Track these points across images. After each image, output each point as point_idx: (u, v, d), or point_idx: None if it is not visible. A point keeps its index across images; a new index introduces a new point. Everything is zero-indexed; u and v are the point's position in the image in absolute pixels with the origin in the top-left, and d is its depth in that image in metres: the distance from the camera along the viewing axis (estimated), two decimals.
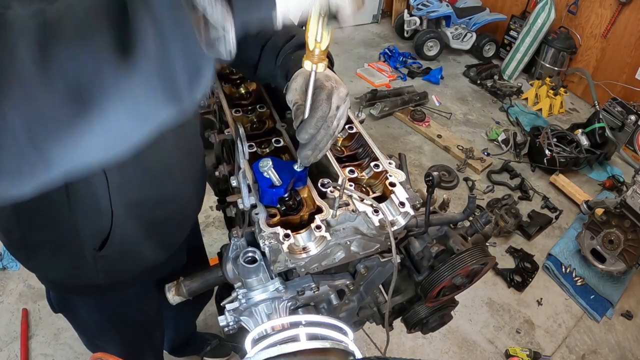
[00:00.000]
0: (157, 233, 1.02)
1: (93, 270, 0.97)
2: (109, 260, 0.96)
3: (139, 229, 0.95)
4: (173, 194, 0.99)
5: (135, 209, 0.91)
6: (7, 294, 2.27)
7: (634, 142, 3.68)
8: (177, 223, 1.10)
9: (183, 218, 1.11)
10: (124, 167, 0.80)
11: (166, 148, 0.90)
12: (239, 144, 0.87)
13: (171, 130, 0.86)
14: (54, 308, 1.17)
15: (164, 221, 1.01)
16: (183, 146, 0.96)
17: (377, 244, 0.88)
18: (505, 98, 4.32)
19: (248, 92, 1.14)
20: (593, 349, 2.48)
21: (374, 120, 3.81)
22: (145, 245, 1.01)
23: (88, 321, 1.20)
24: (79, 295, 1.11)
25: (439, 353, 2.33)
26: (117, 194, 0.85)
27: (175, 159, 0.95)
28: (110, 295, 1.12)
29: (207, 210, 2.77)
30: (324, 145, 0.77)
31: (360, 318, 1.23)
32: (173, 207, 1.01)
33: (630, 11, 3.96)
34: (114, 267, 1.00)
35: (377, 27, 5.35)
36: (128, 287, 1.12)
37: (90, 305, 1.14)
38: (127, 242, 0.95)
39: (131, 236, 0.95)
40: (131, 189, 0.88)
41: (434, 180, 0.98)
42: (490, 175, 3.43)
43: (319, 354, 0.59)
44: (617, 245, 2.63)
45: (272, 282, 0.83)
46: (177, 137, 0.92)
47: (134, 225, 0.93)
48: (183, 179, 1.01)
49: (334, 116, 0.76)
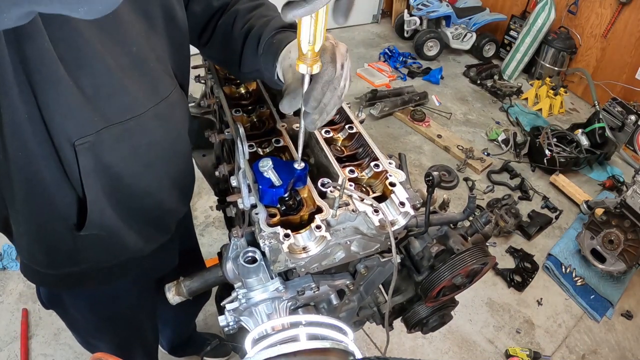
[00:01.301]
0: (136, 222, 1.00)
1: (73, 251, 0.96)
2: (88, 241, 0.94)
3: (116, 215, 0.93)
4: (150, 187, 0.97)
5: (110, 196, 0.89)
6: (7, 294, 2.27)
7: (634, 142, 3.68)
8: (157, 217, 1.07)
9: (162, 213, 1.08)
10: (97, 153, 0.81)
11: (143, 141, 0.88)
12: (239, 144, 0.87)
13: (151, 122, 0.86)
14: (44, 304, 1.16)
15: (141, 213, 1.00)
16: (164, 142, 0.93)
17: (377, 244, 0.88)
18: (505, 98, 4.32)
19: (248, 92, 1.14)
20: (593, 349, 2.48)
21: (374, 120, 3.81)
22: (124, 231, 0.98)
23: (79, 319, 1.20)
24: (67, 289, 1.10)
25: (439, 353, 2.33)
26: (90, 179, 0.83)
27: (155, 154, 0.92)
28: (99, 291, 1.11)
29: (207, 210, 2.77)
30: (331, 109, 0.74)
31: (360, 318, 1.23)
32: (150, 200, 0.99)
33: (630, 11, 3.96)
34: (95, 250, 0.98)
35: (377, 27, 5.35)
36: (113, 278, 1.10)
37: (80, 302, 1.14)
38: (105, 226, 0.93)
39: (109, 219, 0.93)
40: (104, 177, 0.86)
41: (434, 180, 0.98)
42: (490, 175, 3.43)
43: (319, 354, 0.59)
44: (617, 245, 2.63)
45: (272, 282, 0.83)
46: (160, 132, 0.91)
47: (110, 211, 0.92)
48: (164, 174, 0.99)
49: (340, 76, 0.73)
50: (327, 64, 0.71)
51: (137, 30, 0.79)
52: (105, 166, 0.84)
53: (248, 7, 0.97)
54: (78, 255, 0.98)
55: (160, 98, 0.88)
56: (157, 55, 0.86)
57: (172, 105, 0.92)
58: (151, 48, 0.84)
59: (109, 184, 0.87)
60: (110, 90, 0.77)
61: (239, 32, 0.94)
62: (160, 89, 0.88)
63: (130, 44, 0.78)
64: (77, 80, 0.72)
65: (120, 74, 0.77)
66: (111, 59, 0.75)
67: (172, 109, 0.92)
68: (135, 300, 1.24)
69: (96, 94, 0.75)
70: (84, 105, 0.75)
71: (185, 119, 1.02)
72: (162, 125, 0.90)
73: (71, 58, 0.70)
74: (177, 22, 0.90)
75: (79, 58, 0.71)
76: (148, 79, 0.84)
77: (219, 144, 1.20)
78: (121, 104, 0.80)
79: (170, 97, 0.91)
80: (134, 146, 0.86)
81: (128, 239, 1.01)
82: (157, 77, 0.87)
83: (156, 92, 0.87)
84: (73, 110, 0.74)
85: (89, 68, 0.73)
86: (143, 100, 0.84)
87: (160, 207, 1.04)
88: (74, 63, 0.70)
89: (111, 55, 0.75)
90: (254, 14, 0.95)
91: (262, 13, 0.95)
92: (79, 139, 0.77)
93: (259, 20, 0.92)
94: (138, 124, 0.84)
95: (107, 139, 0.80)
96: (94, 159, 0.81)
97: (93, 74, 0.74)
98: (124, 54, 0.77)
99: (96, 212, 0.88)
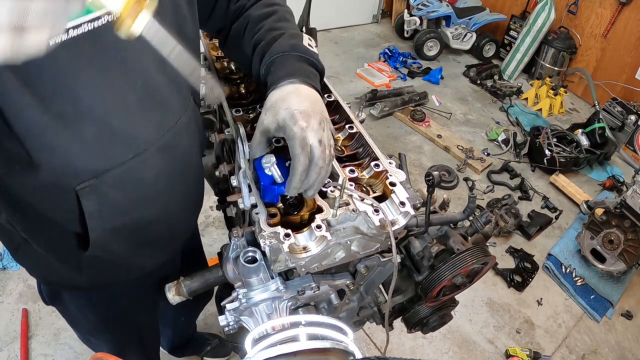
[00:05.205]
0: (143, 248, 0.99)
1: (76, 272, 0.96)
2: (92, 266, 0.94)
3: (121, 246, 0.92)
4: (158, 217, 0.93)
5: (114, 232, 0.86)
6: (7, 294, 2.27)
7: (634, 142, 3.68)
8: (166, 241, 1.06)
9: (171, 235, 1.06)
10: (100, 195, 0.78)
11: (148, 174, 0.84)
12: (239, 144, 0.87)
13: (156, 156, 0.82)
14: (45, 300, 1.16)
15: (149, 240, 0.98)
16: (171, 170, 0.89)
17: (377, 244, 0.88)
18: (505, 98, 4.32)
19: (248, 92, 1.14)
20: (593, 349, 2.48)
21: (374, 120, 3.81)
22: (130, 258, 0.98)
23: (79, 316, 1.20)
24: (68, 290, 1.10)
25: (439, 353, 2.33)
26: (93, 220, 0.80)
27: (162, 184, 0.89)
28: (100, 293, 1.11)
29: (207, 210, 2.77)
30: (319, 184, 0.77)
31: (361, 318, 1.23)
32: (159, 228, 0.96)
33: (630, 11, 3.96)
34: (99, 272, 0.98)
35: (377, 27, 5.35)
36: (117, 289, 1.11)
37: (81, 301, 1.14)
38: (109, 254, 0.91)
39: (113, 250, 0.91)
40: (109, 216, 0.83)
41: (434, 180, 0.98)
42: (490, 175, 3.43)
43: (319, 354, 0.59)
44: (617, 245, 2.63)
45: (273, 281, 0.83)
46: (166, 162, 0.87)
47: (114, 243, 0.90)
48: (173, 201, 0.95)
49: (320, 158, 0.74)
50: (298, 155, 0.72)
51: (147, 57, 0.74)
52: (109, 205, 0.82)
53: (259, 16, 0.94)
54: (81, 272, 0.97)
55: (167, 129, 0.84)
56: (169, 79, 0.81)
57: (180, 130, 0.88)
58: (163, 72, 0.79)
59: (112, 221, 0.85)
60: (112, 134, 0.74)
61: (249, 42, 0.92)
62: (168, 117, 0.84)
63: (136, 78, 0.74)
64: (77, 130, 0.70)
65: (123, 113, 0.74)
66: (113, 102, 0.72)
67: (179, 136, 0.88)
68: (136, 299, 1.24)
69: (97, 140, 0.73)
70: (85, 151, 0.72)
71: (195, 138, 0.98)
72: (169, 155, 0.87)
73: (70, 111, 0.67)
74: (189, 35, 0.86)
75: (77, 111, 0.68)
76: (155, 112, 0.80)
77: (219, 144, 1.20)
78: (124, 145, 0.77)
79: (179, 123, 0.87)
80: (138, 181, 0.83)
81: (134, 265, 1.01)
82: (166, 105, 0.83)
83: (163, 123, 0.83)
84: (73, 157, 0.72)
85: (89, 117, 0.70)
86: (147, 136, 0.80)
87: (169, 230, 1.02)
88: (72, 116, 0.68)
89: (113, 97, 0.72)
90: (264, 25, 0.92)
91: (271, 25, 0.92)
92: (80, 184, 0.75)
93: (267, 35, 0.90)
94: (141, 161, 0.80)
95: (110, 179, 0.77)
96: (97, 201, 0.79)
97: (94, 121, 0.71)
98: (129, 91, 0.74)
99: (99, 245, 0.86)
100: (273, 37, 0.89)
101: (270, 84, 0.83)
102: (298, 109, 0.75)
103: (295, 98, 0.77)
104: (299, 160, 0.72)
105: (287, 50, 0.86)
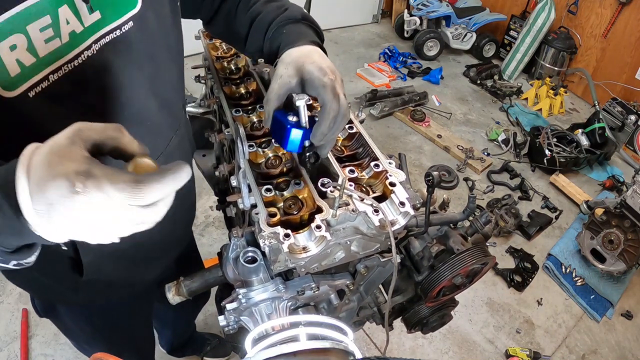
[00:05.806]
0: (139, 268, 1.02)
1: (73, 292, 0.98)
2: (89, 285, 0.95)
3: (116, 268, 0.95)
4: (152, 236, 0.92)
5: (109, 255, 0.89)
6: (7, 294, 2.27)
7: (634, 142, 3.68)
8: (161, 255, 1.09)
9: (166, 251, 1.09)
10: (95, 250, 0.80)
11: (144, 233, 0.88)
12: (239, 144, 0.87)
13: None
14: (39, 313, 1.16)
15: (144, 258, 1.01)
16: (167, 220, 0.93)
17: (377, 244, 0.88)
18: (505, 98, 4.32)
19: (248, 92, 1.13)
20: (593, 349, 2.48)
21: (374, 120, 3.81)
22: (127, 276, 1.01)
23: (74, 328, 1.20)
24: (63, 304, 1.11)
25: (439, 353, 2.33)
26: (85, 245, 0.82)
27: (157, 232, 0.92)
28: (96, 306, 1.12)
29: (207, 210, 2.77)
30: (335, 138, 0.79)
31: (360, 318, 1.23)
32: (154, 246, 1.00)
33: (630, 11, 3.96)
34: (96, 291, 1.00)
35: (377, 27, 5.35)
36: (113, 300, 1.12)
37: (76, 314, 1.14)
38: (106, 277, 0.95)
39: (109, 273, 0.94)
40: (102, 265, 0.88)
41: (434, 180, 0.98)
42: (490, 175, 3.43)
43: (319, 354, 0.59)
44: (617, 245, 2.63)
45: (272, 282, 0.83)
46: None
47: (109, 266, 0.93)
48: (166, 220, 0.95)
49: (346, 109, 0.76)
50: (330, 102, 0.73)
51: (137, 84, 0.76)
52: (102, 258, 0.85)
53: None
54: (78, 292, 0.99)
55: (158, 153, 0.86)
56: (160, 100, 0.82)
57: (172, 151, 0.90)
58: (154, 94, 0.80)
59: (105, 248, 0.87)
60: None
61: (245, 16, 0.93)
62: (159, 142, 0.86)
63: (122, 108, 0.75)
64: None
65: None
66: None
67: (171, 158, 0.89)
68: (132, 308, 1.24)
69: None
70: None
71: (186, 153, 1.00)
72: None
73: None
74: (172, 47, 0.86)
75: None
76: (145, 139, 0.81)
77: (219, 144, 1.20)
78: None
79: (170, 145, 0.89)
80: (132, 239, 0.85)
81: (131, 277, 1.03)
82: (155, 131, 0.84)
83: (154, 150, 0.84)
84: None
85: None
86: None
87: (164, 245, 1.05)
88: None
89: None
90: None
91: None
92: None
93: (267, 6, 0.92)
94: None
95: None
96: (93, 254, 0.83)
97: None
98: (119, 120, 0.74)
99: (93, 268, 0.88)
100: (276, 7, 0.91)
101: (284, 45, 0.83)
102: (325, 64, 0.78)
103: (318, 56, 0.79)
104: (330, 106, 0.73)
105: (299, 18, 0.88)
